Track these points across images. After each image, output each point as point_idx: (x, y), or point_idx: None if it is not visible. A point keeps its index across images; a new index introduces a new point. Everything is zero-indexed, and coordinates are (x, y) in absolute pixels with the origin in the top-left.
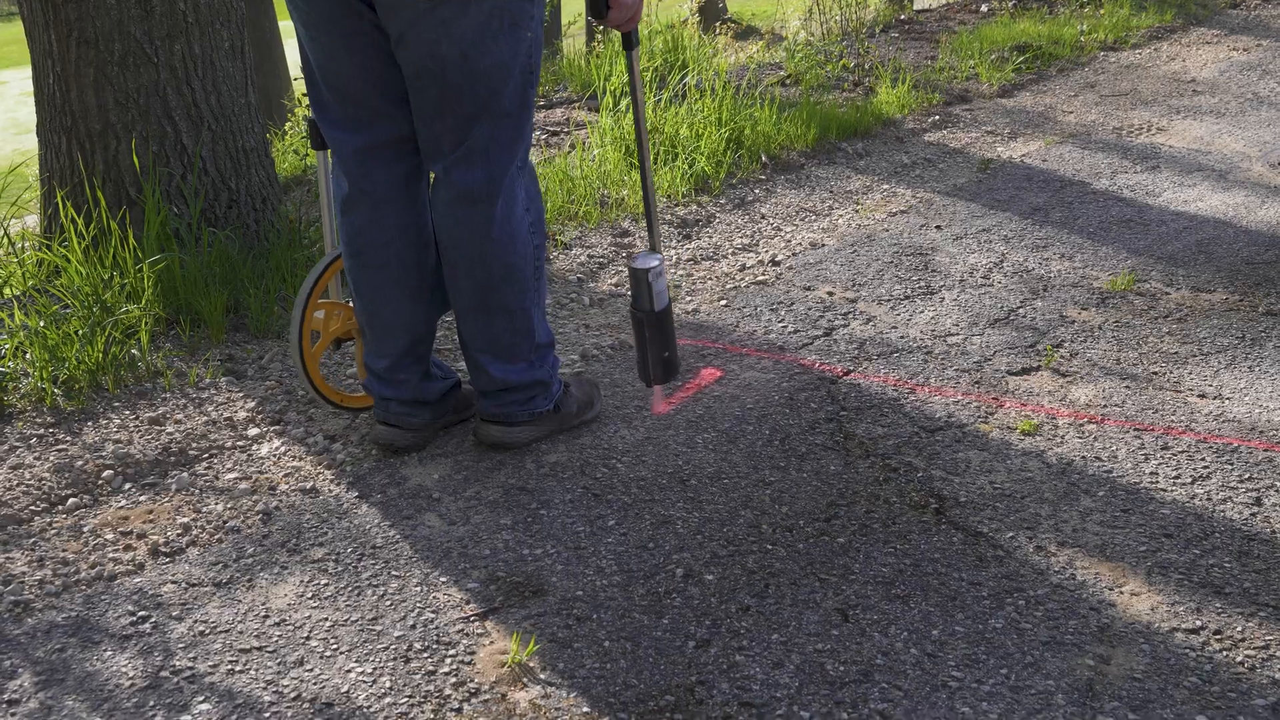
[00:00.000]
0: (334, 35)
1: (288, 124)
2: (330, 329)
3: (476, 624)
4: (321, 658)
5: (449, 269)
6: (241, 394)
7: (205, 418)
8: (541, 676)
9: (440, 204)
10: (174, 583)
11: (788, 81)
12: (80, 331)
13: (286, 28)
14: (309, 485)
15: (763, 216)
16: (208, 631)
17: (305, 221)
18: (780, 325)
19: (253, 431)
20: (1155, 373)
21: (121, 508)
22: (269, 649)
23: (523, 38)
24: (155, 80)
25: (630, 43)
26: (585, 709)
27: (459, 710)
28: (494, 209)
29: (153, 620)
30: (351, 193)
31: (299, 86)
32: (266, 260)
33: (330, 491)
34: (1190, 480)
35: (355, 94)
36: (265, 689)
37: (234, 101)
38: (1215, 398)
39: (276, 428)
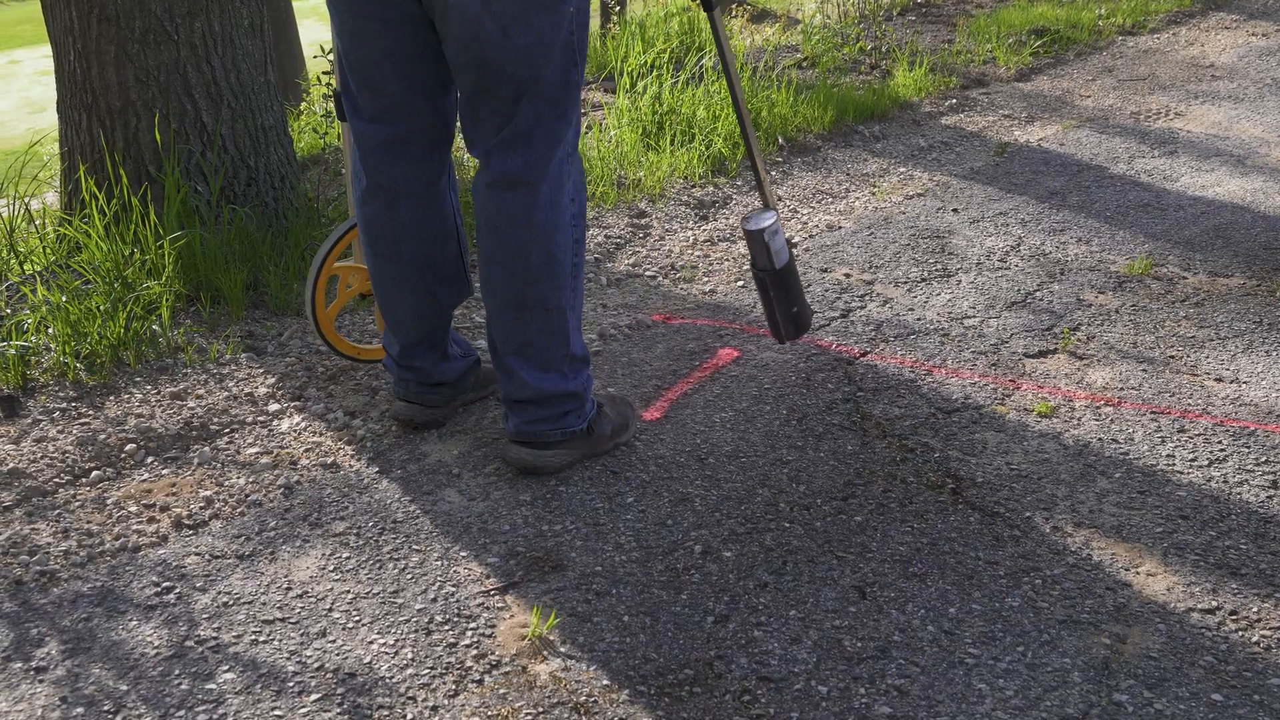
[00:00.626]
0: (363, 19)
1: (303, 103)
2: (350, 289)
3: (497, 598)
4: (344, 629)
5: (484, 260)
6: (262, 370)
7: (226, 393)
8: (561, 650)
9: (481, 189)
10: (197, 555)
11: (804, 64)
12: (102, 307)
13: (302, 7)
14: (330, 460)
15: (780, 198)
16: (231, 603)
17: (324, 200)
18: None
19: (273, 407)
20: (1172, 356)
21: (144, 481)
22: (292, 620)
23: (565, 13)
24: (175, 57)
25: (710, 3)
26: (605, 681)
27: (480, 682)
28: (537, 193)
29: (177, 591)
30: (370, 186)
31: (315, 66)
32: (285, 238)
33: (351, 467)
34: (1207, 463)
35: (380, 83)
36: (289, 659)
37: (253, 79)
38: (1232, 381)
39: (297, 403)
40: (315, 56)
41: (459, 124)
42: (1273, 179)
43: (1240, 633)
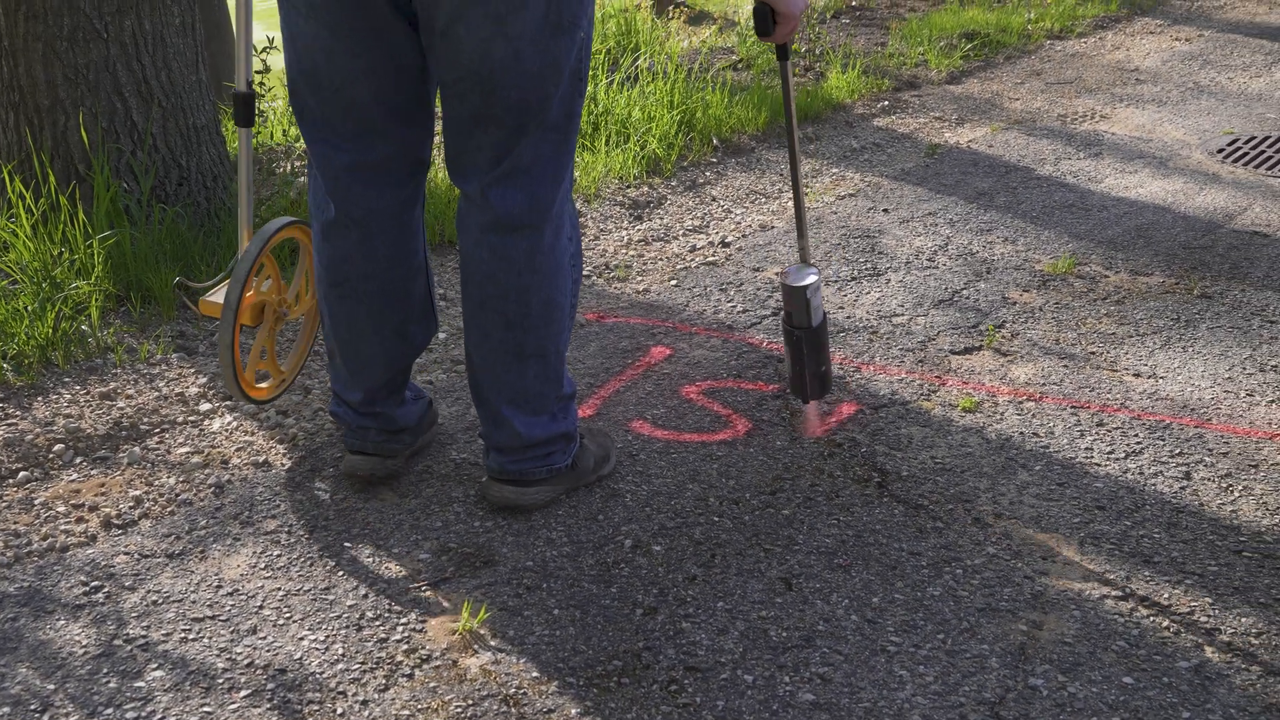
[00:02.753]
0: (340, 36)
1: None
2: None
3: (428, 593)
4: (274, 626)
5: (475, 308)
6: (193, 370)
7: (156, 393)
8: (492, 643)
9: (472, 231)
10: (126, 554)
11: (739, 66)
12: (30, 307)
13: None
14: (261, 459)
15: (713, 198)
16: (160, 601)
17: (256, 201)
18: (729, 305)
19: (204, 407)
20: (1093, 352)
21: (73, 481)
22: (222, 618)
23: (575, 37)
24: (105, 56)
25: (785, 53)
26: (535, 674)
27: (410, 676)
28: (539, 237)
29: (105, 590)
30: (338, 218)
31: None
32: (218, 238)
33: (283, 465)
34: (1124, 455)
35: (353, 104)
36: (218, 656)
37: (185, 79)
38: (1150, 376)
39: (228, 403)
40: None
41: (444, 156)
42: (1193, 180)
43: (1151, 618)
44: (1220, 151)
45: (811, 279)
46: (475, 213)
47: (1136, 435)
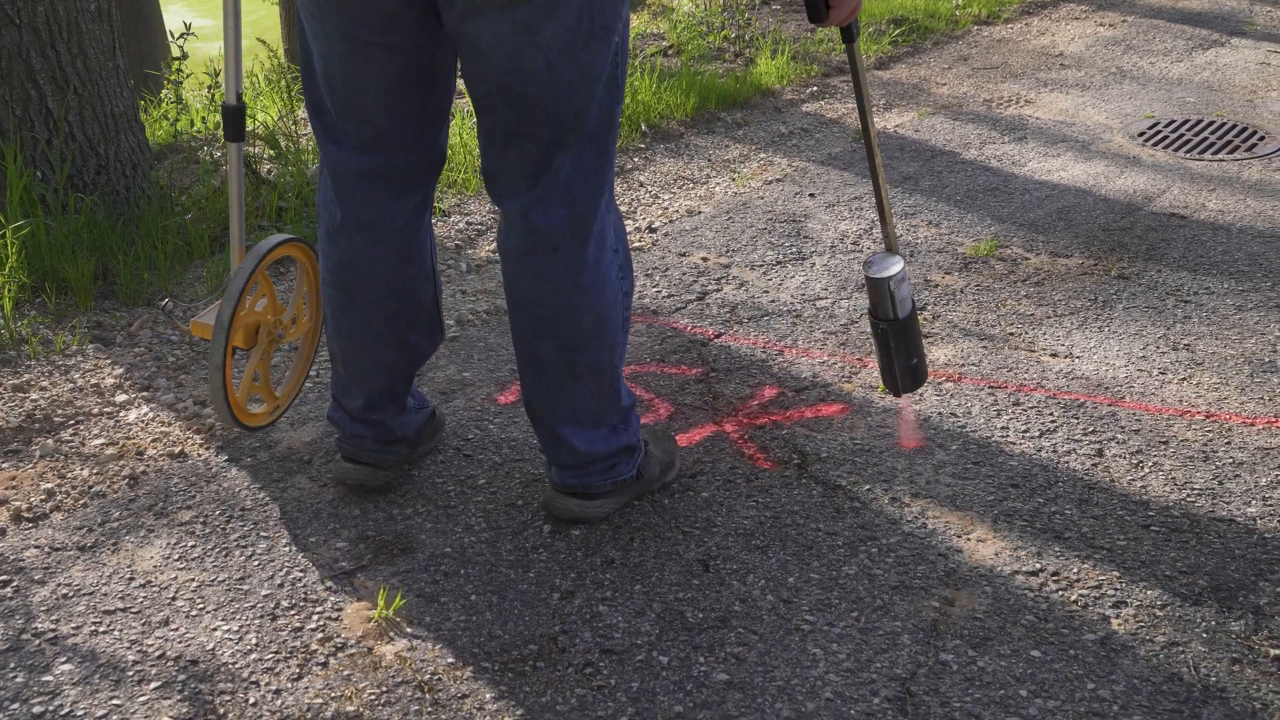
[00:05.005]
0: (360, 43)
1: (163, 91)
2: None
3: (344, 581)
4: (187, 617)
5: (524, 331)
6: (109, 360)
7: (71, 385)
8: (408, 630)
9: (513, 253)
10: (36, 547)
11: (669, 52)
12: None
13: None
14: (177, 450)
15: (641, 184)
16: (71, 594)
17: (177, 189)
18: (655, 290)
19: (121, 398)
20: (1011, 333)
21: None
22: (133, 610)
23: (611, 43)
24: (18, 42)
25: (851, 35)
26: (450, 659)
27: (325, 664)
28: (583, 254)
29: (14, 584)
30: (346, 222)
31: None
32: (137, 227)
33: (199, 456)
34: (1038, 434)
35: (368, 111)
36: (129, 649)
37: (101, 65)
38: (1066, 356)
39: (145, 394)
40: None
41: (480, 172)
42: (1114, 163)
43: (1060, 592)
44: (1141, 135)
45: (896, 268)
46: (516, 234)
47: (1051, 414)
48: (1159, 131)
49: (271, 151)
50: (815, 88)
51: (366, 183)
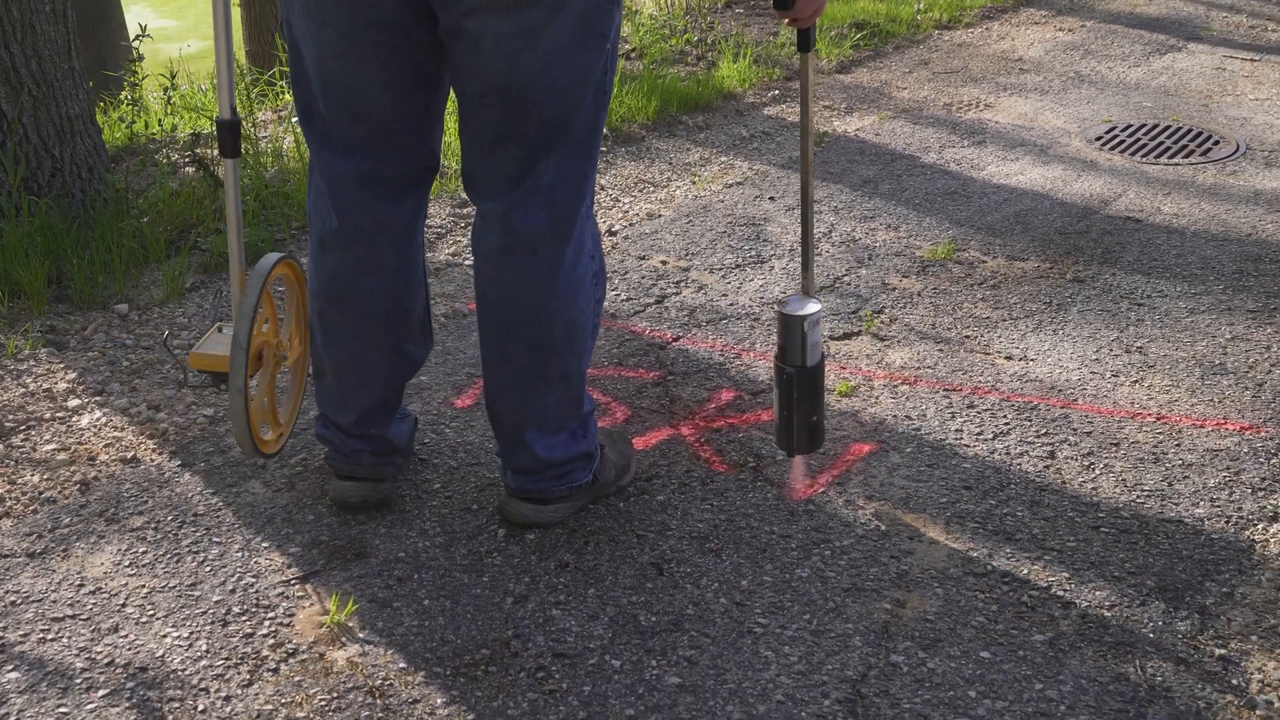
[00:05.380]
0: (359, 44)
1: (123, 93)
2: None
3: (297, 587)
4: (137, 624)
5: (495, 331)
6: (63, 365)
7: (23, 389)
8: (360, 635)
9: (490, 253)
10: None
11: (632, 55)
12: None
13: None
14: (130, 455)
15: (602, 188)
16: (19, 601)
17: (134, 191)
18: (614, 293)
19: (73, 402)
20: (967, 336)
21: None
22: (83, 617)
23: (604, 49)
24: None
25: (807, 44)
26: (401, 665)
27: (276, 670)
28: (560, 258)
29: None
30: (342, 227)
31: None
32: (92, 230)
33: (152, 461)
34: (992, 436)
35: (367, 113)
36: (78, 656)
37: (56, 67)
38: (1021, 359)
39: (98, 398)
40: (137, 38)
41: (461, 171)
42: (1071, 168)
43: (1011, 593)
44: (1099, 139)
45: (812, 310)
46: (494, 233)
47: (1005, 416)
48: (1116, 136)
49: None
50: (777, 91)
51: (362, 187)
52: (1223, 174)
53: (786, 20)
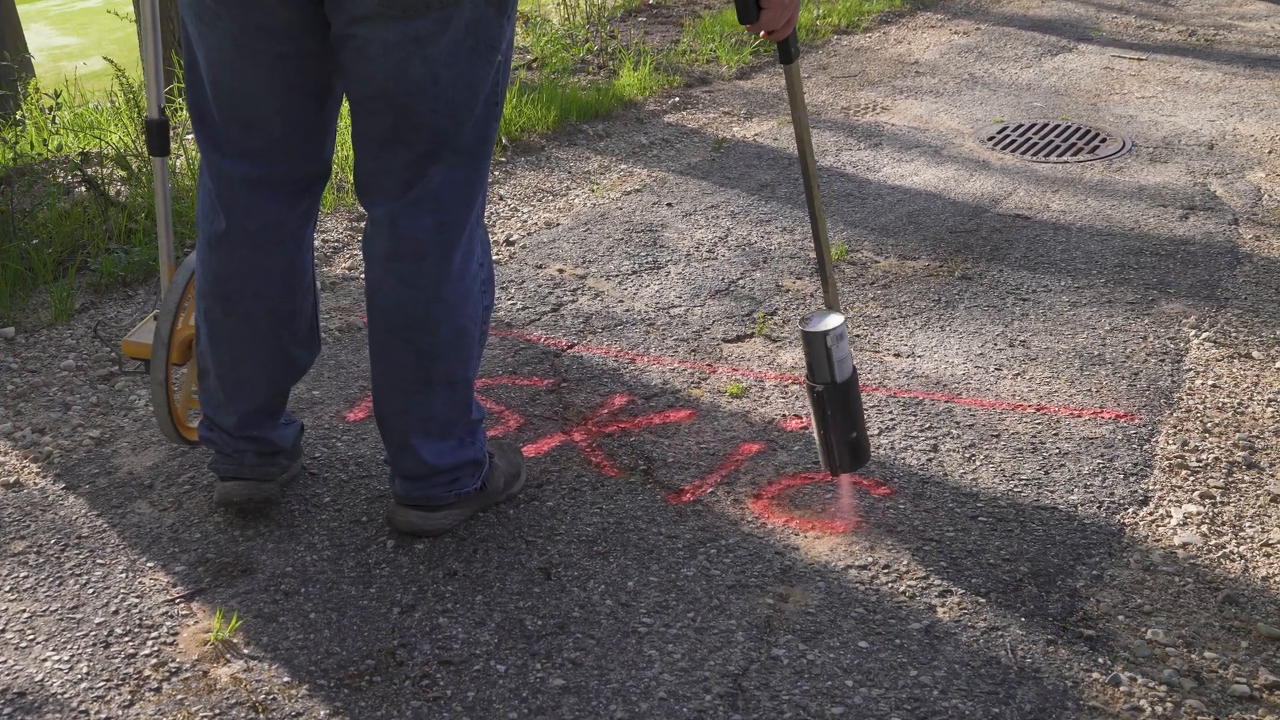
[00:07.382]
0: (250, 51)
1: (19, 112)
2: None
3: (181, 606)
4: (16, 649)
5: (382, 335)
6: None
7: None
8: (245, 651)
9: (378, 258)
10: None
11: (533, 65)
12: None
13: (28, 10)
14: (13, 480)
15: (500, 198)
16: None
17: (19, 212)
18: (509, 303)
19: None
20: (858, 335)
21: None
22: None
23: (494, 61)
24: None
25: (789, 54)
26: (286, 679)
27: (158, 690)
28: (448, 265)
29: None
30: (231, 230)
31: (44, 72)
32: None
33: (35, 484)
34: (878, 432)
35: (257, 119)
36: None
37: None
38: (908, 356)
39: None
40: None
41: (354, 176)
42: (964, 168)
43: (890, 584)
44: (991, 139)
45: (834, 324)
46: (382, 239)
47: (891, 412)
48: (1007, 135)
49: (122, 173)
50: (677, 98)
51: (252, 190)
52: (1109, 171)
53: (761, 34)
